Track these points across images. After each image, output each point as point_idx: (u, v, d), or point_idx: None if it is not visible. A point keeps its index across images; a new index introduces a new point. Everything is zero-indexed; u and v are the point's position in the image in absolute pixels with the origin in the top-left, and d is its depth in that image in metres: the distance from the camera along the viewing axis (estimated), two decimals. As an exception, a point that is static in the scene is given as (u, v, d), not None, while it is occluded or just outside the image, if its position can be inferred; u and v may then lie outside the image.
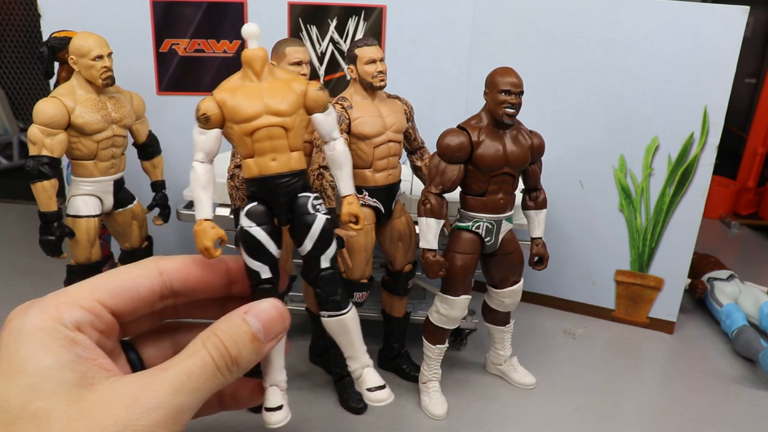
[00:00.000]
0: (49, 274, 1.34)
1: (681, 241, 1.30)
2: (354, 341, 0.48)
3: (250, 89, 0.46)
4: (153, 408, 0.34)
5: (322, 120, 0.49)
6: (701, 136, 1.22)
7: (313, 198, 0.47)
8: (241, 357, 0.39)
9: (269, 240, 0.46)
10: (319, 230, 0.46)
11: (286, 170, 0.46)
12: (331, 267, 0.47)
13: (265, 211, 0.47)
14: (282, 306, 0.43)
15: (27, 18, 2.35)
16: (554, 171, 1.27)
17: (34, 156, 0.95)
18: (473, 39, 1.30)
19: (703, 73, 1.18)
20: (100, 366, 0.36)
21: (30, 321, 0.36)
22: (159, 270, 0.43)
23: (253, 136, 0.46)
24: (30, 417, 0.32)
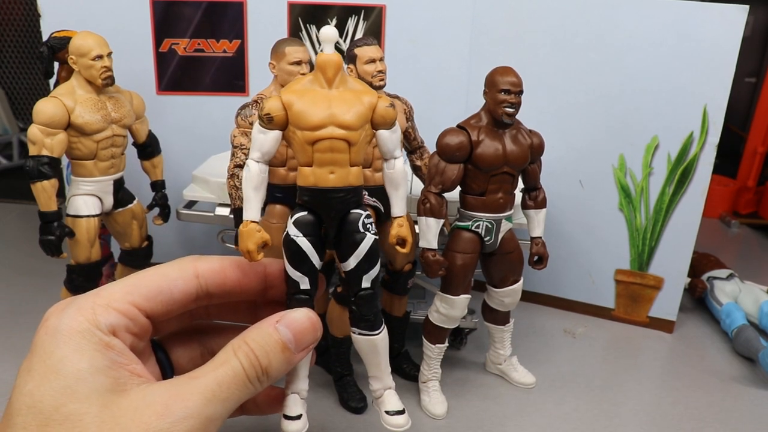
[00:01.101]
0: (49, 274, 1.35)
1: (681, 241, 1.30)
2: (381, 362, 0.48)
3: (319, 96, 0.45)
4: (184, 417, 0.34)
5: (386, 137, 0.48)
6: (701, 135, 1.22)
7: (365, 216, 0.46)
8: (271, 367, 0.39)
9: (313, 251, 0.45)
10: (366, 250, 0.46)
11: (343, 185, 0.45)
12: (371, 287, 0.47)
13: (313, 222, 0.46)
14: (315, 317, 0.42)
15: (27, 18, 2.35)
16: (554, 170, 1.27)
17: (34, 156, 0.95)
18: (473, 39, 1.30)
19: (702, 72, 1.19)
20: (132, 371, 0.36)
21: (66, 322, 0.36)
22: (196, 272, 0.43)
23: (315, 145, 0.45)
24: (62, 419, 0.32)
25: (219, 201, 1.15)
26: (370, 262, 0.46)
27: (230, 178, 0.96)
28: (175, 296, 0.41)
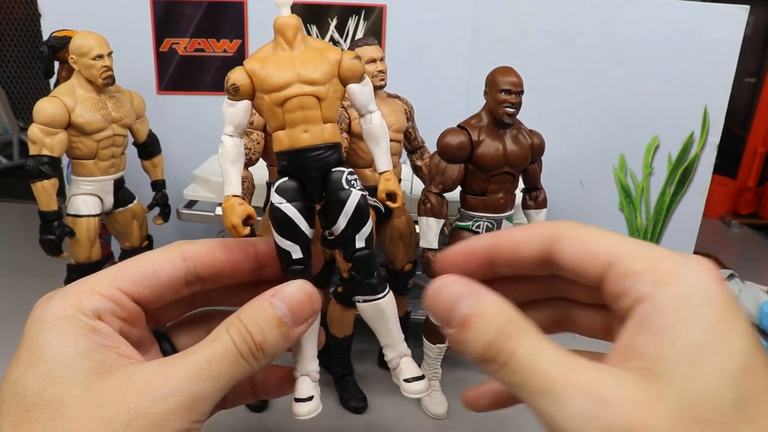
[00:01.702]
0: (50, 274, 1.34)
1: (681, 241, 1.30)
2: (391, 328, 0.45)
3: (282, 58, 0.44)
4: (168, 395, 0.33)
5: (357, 91, 0.46)
6: (701, 135, 1.22)
7: (348, 173, 0.43)
8: (266, 343, 0.37)
9: (300, 217, 0.43)
10: (354, 206, 0.43)
11: (319, 142, 0.43)
12: (366, 247, 0.44)
13: (297, 187, 0.43)
14: (311, 288, 0.41)
15: (27, 17, 2.35)
16: (554, 170, 1.27)
17: (34, 155, 0.95)
18: (473, 39, 1.30)
19: (703, 72, 1.19)
20: (121, 354, 0.36)
21: (51, 310, 0.36)
22: (183, 255, 0.41)
23: (284, 106, 0.43)
24: (44, 404, 0.32)
25: (219, 201, 1.15)
26: (359, 220, 0.43)
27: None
28: (162, 280, 0.40)
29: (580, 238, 0.36)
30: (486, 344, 0.33)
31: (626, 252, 0.34)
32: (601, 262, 0.34)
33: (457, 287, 0.36)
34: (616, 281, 0.33)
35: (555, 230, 0.38)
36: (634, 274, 0.32)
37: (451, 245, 0.43)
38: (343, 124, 0.93)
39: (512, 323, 0.34)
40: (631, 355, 0.31)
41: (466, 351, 0.35)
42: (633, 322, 0.32)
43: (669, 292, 0.31)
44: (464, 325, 0.34)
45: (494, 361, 0.33)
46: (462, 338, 0.35)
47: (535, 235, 0.39)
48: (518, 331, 0.33)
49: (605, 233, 0.36)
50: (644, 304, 0.31)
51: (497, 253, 0.40)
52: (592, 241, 0.36)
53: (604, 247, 0.35)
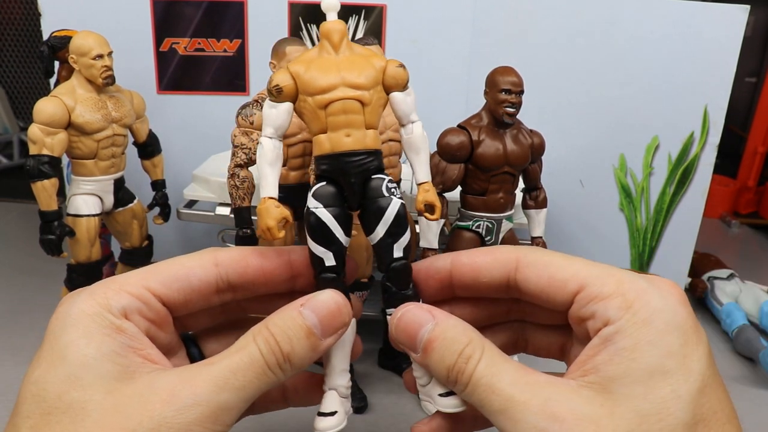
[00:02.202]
0: (50, 274, 1.34)
1: (681, 241, 1.30)
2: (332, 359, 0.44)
3: (327, 62, 0.43)
4: (191, 405, 0.32)
5: (400, 100, 0.45)
6: (701, 135, 1.22)
7: (388, 181, 0.43)
8: (293, 354, 0.36)
9: (336, 224, 0.42)
10: (393, 215, 0.42)
11: (360, 148, 0.42)
12: (404, 257, 0.43)
13: (335, 193, 0.42)
14: (342, 298, 0.40)
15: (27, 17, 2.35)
16: (554, 170, 1.27)
17: (35, 155, 0.95)
18: (473, 39, 1.30)
19: (703, 72, 1.19)
20: (146, 357, 0.35)
21: (77, 306, 0.35)
22: (215, 261, 0.41)
23: (328, 109, 0.42)
24: (65, 408, 0.32)
25: (219, 200, 1.15)
26: (399, 228, 0.42)
27: (231, 178, 0.96)
28: (193, 284, 0.39)
29: (544, 265, 0.38)
30: (447, 368, 0.35)
31: (594, 276, 0.35)
32: (568, 288, 0.36)
33: (417, 313, 0.37)
34: (585, 305, 0.35)
35: (516, 257, 0.39)
36: (603, 299, 0.34)
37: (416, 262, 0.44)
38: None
39: (471, 345, 0.35)
40: (589, 371, 0.32)
41: (432, 374, 0.37)
42: (596, 341, 0.33)
43: (634, 317, 0.32)
44: (426, 350, 0.36)
45: (457, 383, 0.35)
46: (425, 363, 0.36)
47: (495, 262, 0.40)
48: (477, 353, 0.34)
49: (569, 259, 0.37)
50: (610, 327, 0.33)
51: (456, 277, 0.41)
52: (556, 268, 0.37)
53: (570, 273, 0.36)
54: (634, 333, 0.32)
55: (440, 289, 0.43)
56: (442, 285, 0.42)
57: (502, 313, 0.44)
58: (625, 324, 0.33)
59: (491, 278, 0.40)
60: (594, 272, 0.36)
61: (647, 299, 0.33)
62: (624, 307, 0.33)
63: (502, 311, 0.44)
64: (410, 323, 0.38)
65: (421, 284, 0.42)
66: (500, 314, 0.44)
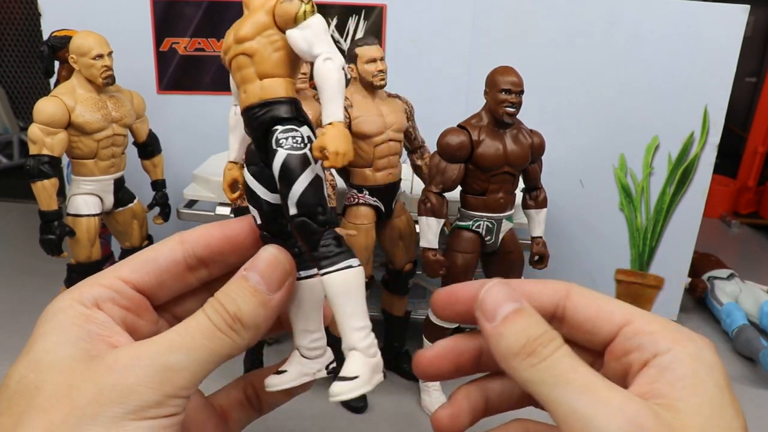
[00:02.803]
0: (50, 274, 1.34)
1: (681, 240, 1.30)
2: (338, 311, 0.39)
3: (238, 22, 0.42)
4: (133, 366, 0.32)
5: (294, 37, 0.39)
6: (701, 135, 1.22)
7: (281, 130, 0.38)
8: (242, 313, 0.36)
9: (254, 181, 0.40)
10: (278, 168, 0.37)
11: (254, 101, 0.39)
12: (299, 214, 0.37)
13: (254, 151, 0.41)
14: (280, 251, 0.38)
15: (27, 17, 2.35)
16: (554, 170, 1.27)
17: (35, 155, 0.95)
18: (473, 39, 1.30)
19: (703, 72, 1.19)
20: (114, 343, 0.35)
21: (53, 305, 0.36)
22: (180, 240, 0.42)
23: (231, 69, 0.41)
24: (23, 390, 0.32)
25: (219, 200, 1.15)
26: (285, 181, 0.37)
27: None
28: (161, 264, 0.40)
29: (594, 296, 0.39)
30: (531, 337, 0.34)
31: (639, 314, 0.37)
32: (616, 320, 0.37)
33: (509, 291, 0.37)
34: (632, 337, 0.36)
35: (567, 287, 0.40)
36: (651, 333, 0.35)
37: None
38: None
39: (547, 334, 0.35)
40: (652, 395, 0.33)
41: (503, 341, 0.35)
42: (652, 370, 0.34)
43: (686, 350, 0.34)
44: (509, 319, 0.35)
45: (533, 354, 0.34)
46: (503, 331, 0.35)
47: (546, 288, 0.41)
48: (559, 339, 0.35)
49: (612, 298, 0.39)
50: (664, 357, 0.34)
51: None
52: (605, 301, 0.39)
53: (617, 308, 0.38)
54: (690, 363, 0.34)
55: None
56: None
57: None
58: (679, 355, 0.34)
59: (540, 304, 0.39)
60: (639, 312, 0.38)
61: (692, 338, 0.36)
62: (673, 341, 0.35)
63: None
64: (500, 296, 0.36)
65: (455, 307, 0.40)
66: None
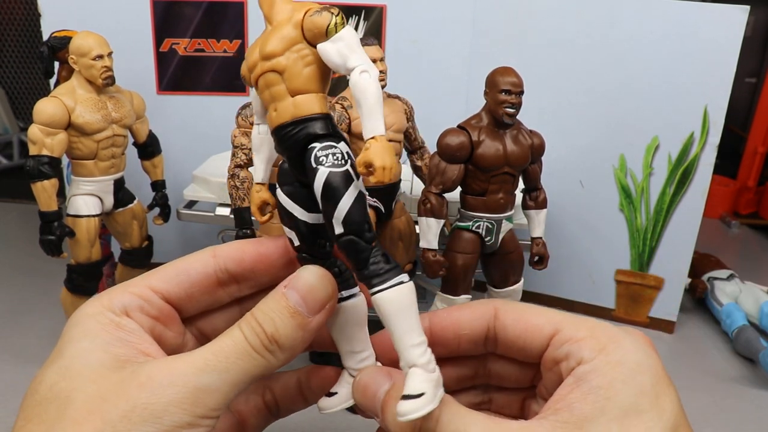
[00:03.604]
0: (50, 274, 1.35)
1: (681, 241, 1.30)
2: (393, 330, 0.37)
3: (261, 37, 0.40)
4: (167, 386, 0.32)
5: (327, 50, 0.38)
6: (701, 135, 1.22)
7: (319, 148, 0.37)
8: (279, 334, 0.35)
9: (290, 202, 0.39)
10: (321, 186, 0.36)
11: (286, 119, 0.38)
12: (345, 233, 0.37)
13: (287, 170, 0.40)
14: (323, 272, 0.38)
15: (27, 17, 2.35)
16: (554, 170, 1.27)
17: (34, 155, 0.95)
18: (473, 39, 1.30)
19: (703, 72, 1.18)
20: (143, 351, 0.35)
21: (82, 310, 0.36)
22: (213, 253, 0.41)
23: (258, 88, 0.39)
24: (53, 397, 0.32)
25: (219, 201, 1.15)
26: (329, 200, 0.36)
27: (230, 178, 0.96)
28: (192, 277, 0.40)
29: (521, 311, 0.39)
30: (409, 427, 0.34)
31: (568, 322, 0.37)
32: (544, 332, 0.37)
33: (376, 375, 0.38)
34: (560, 347, 0.36)
35: (493, 307, 0.40)
36: (577, 340, 0.35)
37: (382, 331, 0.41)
38: (343, 125, 0.93)
39: None
40: (562, 409, 0.32)
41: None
42: (570, 380, 0.33)
43: (607, 357, 0.33)
44: (383, 410, 0.35)
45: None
46: (386, 424, 0.35)
47: (474, 313, 0.41)
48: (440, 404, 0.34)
49: (543, 308, 0.39)
50: (584, 366, 0.33)
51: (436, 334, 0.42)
52: (532, 314, 0.39)
53: (545, 319, 0.38)
54: (607, 372, 0.33)
55: None
56: None
57: (469, 377, 0.45)
58: (598, 363, 0.33)
59: (472, 329, 0.40)
60: (568, 319, 0.37)
61: (619, 341, 0.34)
62: (597, 348, 0.34)
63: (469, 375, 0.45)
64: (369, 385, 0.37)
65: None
66: (468, 378, 0.45)
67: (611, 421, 0.31)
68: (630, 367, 0.33)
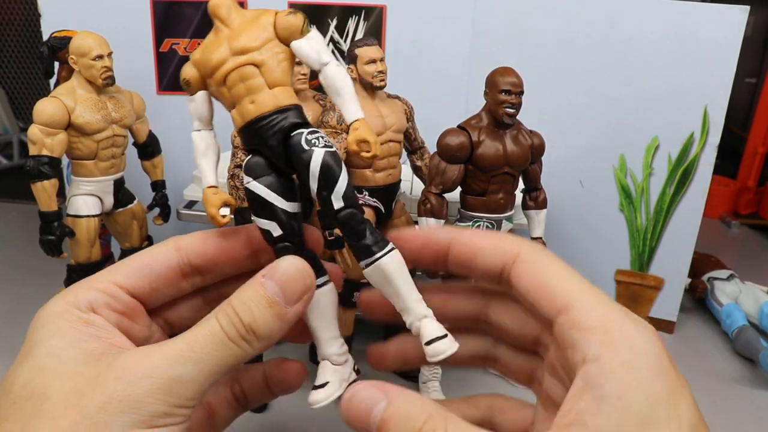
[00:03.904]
0: (50, 274, 1.34)
1: (681, 241, 1.30)
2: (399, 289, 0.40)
3: (218, 38, 0.42)
4: (141, 377, 0.32)
5: (302, 46, 0.42)
6: (701, 135, 1.22)
7: (307, 132, 0.40)
8: (256, 324, 0.35)
9: (270, 192, 0.41)
10: (319, 165, 0.39)
11: (267, 110, 0.40)
12: (346, 206, 0.40)
13: (263, 163, 0.41)
14: (302, 263, 0.38)
15: (27, 18, 2.35)
16: (554, 171, 1.27)
17: (35, 156, 0.95)
18: (473, 39, 1.30)
19: (703, 72, 1.18)
20: (114, 344, 0.35)
21: (47, 308, 0.36)
22: (176, 246, 0.41)
23: (227, 83, 0.41)
24: (28, 395, 0.32)
25: (219, 201, 1.15)
26: (329, 177, 0.39)
27: (230, 179, 0.96)
28: (155, 270, 0.40)
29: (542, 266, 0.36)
30: None
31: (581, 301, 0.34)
32: (556, 303, 0.34)
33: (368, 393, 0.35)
34: (567, 331, 0.33)
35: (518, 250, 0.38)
36: (585, 330, 0.32)
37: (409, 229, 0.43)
38: (343, 125, 0.93)
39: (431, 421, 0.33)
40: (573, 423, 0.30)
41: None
42: (579, 385, 0.31)
43: (618, 358, 0.31)
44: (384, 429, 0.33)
45: None
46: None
47: (495, 249, 0.39)
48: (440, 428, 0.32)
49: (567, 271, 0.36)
50: (592, 366, 0.31)
51: (453, 253, 0.41)
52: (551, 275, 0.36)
53: (561, 287, 0.35)
54: (620, 377, 0.30)
55: (434, 259, 0.42)
56: (437, 256, 0.42)
57: (470, 318, 0.44)
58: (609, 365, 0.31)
59: (486, 264, 0.38)
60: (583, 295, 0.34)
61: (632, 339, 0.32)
62: (607, 343, 0.32)
63: (470, 317, 0.44)
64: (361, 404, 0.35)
65: (418, 251, 0.41)
66: (468, 319, 0.44)
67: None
68: (644, 373, 0.31)
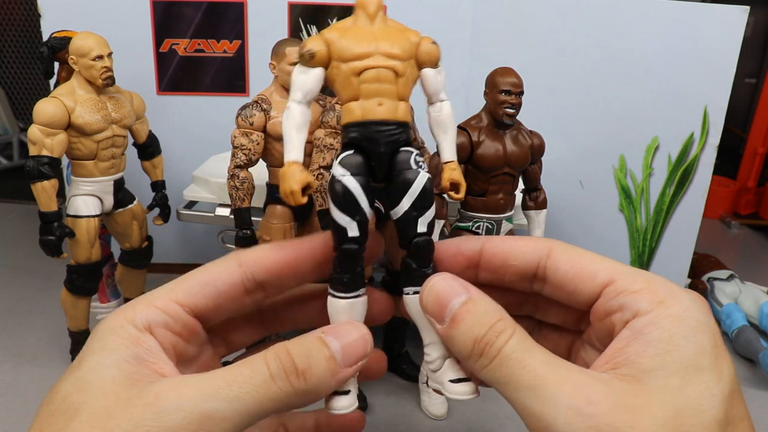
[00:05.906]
0: (50, 274, 1.35)
1: (681, 241, 1.30)
2: None
3: (362, 30, 0.43)
4: (172, 410, 0.31)
5: (431, 76, 0.44)
6: (701, 136, 1.22)
7: (416, 154, 0.42)
8: (310, 372, 0.34)
9: (361, 193, 0.41)
10: (420, 188, 0.41)
11: (391, 118, 0.42)
12: (427, 233, 0.41)
13: (362, 162, 0.42)
14: (365, 330, 0.39)
15: (27, 18, 2.35)
16: (554, 171, 1.27)
17: (34, 156, 0.95)
18: (474, 39, 1.30)
19: (703, 73, 1.19)
20: (157, 371, 0.34)
21: (105, 323, 0.36)
22: (238, 261, 0.40)
23: (361, 76, 0.41)
24: (65, 409, 0.32)
25: (219, 201, 1.15)
26: (425, 202, 0.41)
27: (230, 179, 0.96)
28: (219, 288, 0.39)
29: (577, 254, 0.38)
30: (475, 339, 0.34)
31: (625, 273, 0.35)
32: (599, 279, 0.36)
33: (451, 283, 0.38)
34: (614, 297, 0.35)
35: (549, 245, 0.39)
36: (633, 292, 0.34)
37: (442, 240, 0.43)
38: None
39: (503, 322, 0.35)
40: (621, 362, 0.32)
41: (455, 347, 0.36)
42: (627, 332, 0.33)
43: (667, 311, 0.32)
44: (455, 319, 0.36)
45: (483, 355, 0.34)
46: (451, 334, 0.36)
47: (527, 246, 0.40)
48: (509, 329, 0.34)
49: (597, 256, 0.38)
50: (641, 318, 0.32)
51: (486, 259, 0.41)
52: (588, 260, 0.37)
53: (601, 266, 0.36)
54: (667, 326, 0.32)
55: (465, 269, 0.42)
56: (469, 265, 0.42)
57: (516, 303, 0.44)
58: (657, 316, 0.32)
59: (521, 262, 0.39)
60: (624, 269, 0.36)
61: (679, 296, 0.33)
62: (656, 301, 0.33)
63: (517, 301, 0.44)
64: (443, 292, 0.37)
65: (448, 261, 0.41)
66: (514, 305, 0.44)
67: (671, 374, 0.30)
68: (690, 324, 0.32)
